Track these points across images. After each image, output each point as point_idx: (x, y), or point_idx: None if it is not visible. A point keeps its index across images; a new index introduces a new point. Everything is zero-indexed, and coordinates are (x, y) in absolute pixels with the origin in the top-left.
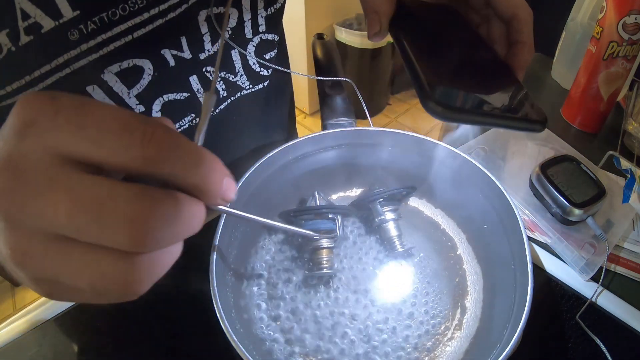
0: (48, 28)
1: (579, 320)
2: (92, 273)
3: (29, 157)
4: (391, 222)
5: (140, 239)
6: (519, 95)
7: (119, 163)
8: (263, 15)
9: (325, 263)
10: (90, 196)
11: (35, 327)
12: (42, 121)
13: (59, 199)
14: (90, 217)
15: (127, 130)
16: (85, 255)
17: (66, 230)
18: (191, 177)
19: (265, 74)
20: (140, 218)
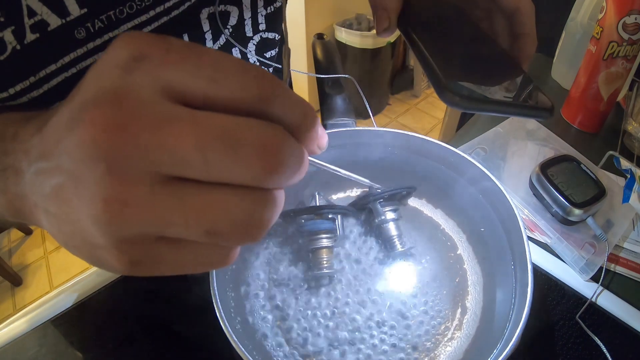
0: (55, 26)
1: (579, 320)
2: (214, 214)
3: (138, 93)
4: (391, 222)
5: (273, 169)
6: (527, 84)
7: (236, 99)
8: (263, 14)
9: (325, 263)
10: (218, 125)
11: (35, 327)
12: (154, 56)
13: (184, 130)
14: (222, 146)
15: (241, 70)
16: (204, 195)
17: (191, 165)
18: (299, 119)
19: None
20: (274, 146)
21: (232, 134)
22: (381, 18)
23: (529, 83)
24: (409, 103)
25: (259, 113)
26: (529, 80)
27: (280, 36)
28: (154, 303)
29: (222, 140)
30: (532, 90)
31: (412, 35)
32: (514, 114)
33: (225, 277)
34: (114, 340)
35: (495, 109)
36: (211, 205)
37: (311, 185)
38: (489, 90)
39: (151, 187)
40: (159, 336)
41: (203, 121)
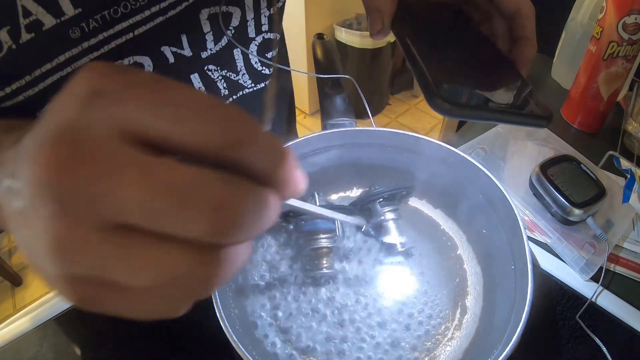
0: (49, 26)
1: (579, 320)
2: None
3: (94, 131)
4: (391, 222)
5: (224, 228)
6: (524, 91)
7: (195, 146)
8: (266, 15)
9: (325, 263)
10: (171, 178)
11: (35, 327)
12: (113, 92)
13: (134, 180)
14: (170, 201)
15: (208, 110)
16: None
17: (137, 216)
18: (271, 167)
19: (267, 73)
20: (227, 205)
21: (183, 189)
22: (374, 20)
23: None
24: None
25: (224, 160)
26: (527, 86)
27: (281, 36)
28: None
29: (172, 195)
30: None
31: (404, 38)
32: (508, 122)
33: None
34: (114, 340)
35: (488, 117)
36: (155, 259)
37: (311, 186)
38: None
39: (99, 233)
40: (159, 336)
41: (154, 171)
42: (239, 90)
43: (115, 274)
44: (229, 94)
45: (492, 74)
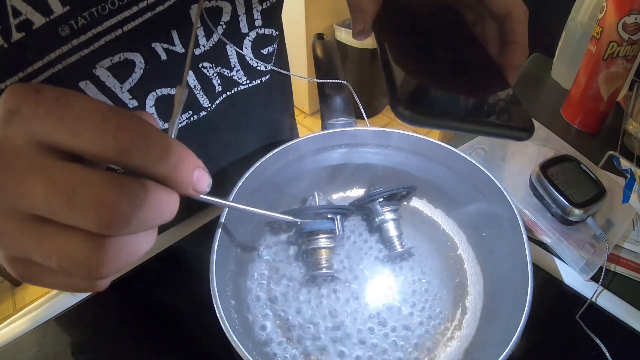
0: (39, 24)
1: (579, 320)
2: (61, 251)
3: (11, 143)
4: (391, 222)
5: (107, 221)
6: (505, 99)
7: (94, 152)
8: (258, 10)
9: (325, 263)
10: (64, 180)
11: (35, 327)
12: (24, 110)
13: (36, 182)
14: (63, 200)
15: (103, 122)
16: (57, 235)
17: (42, 211)
18: (160, 168)
19: (263, 69)
20: (108, 202)
21: (72, 189)
22: (356, 20)
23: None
24: None
25: (121, 164)
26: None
27: (278, 32)
28: (154, 303)
29: (63, 193)
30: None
31: (382, 40)
32: (482, 133)
33: (225, 277)
34: (114, 340)
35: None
36: (59, 245)
37: (311, 185)
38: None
39: (19, 223)
40: (158, 336)
41: (54, 174)
42: (233, 87)
43: (33, 256)
44: (222, 91)
45: (474, 80)
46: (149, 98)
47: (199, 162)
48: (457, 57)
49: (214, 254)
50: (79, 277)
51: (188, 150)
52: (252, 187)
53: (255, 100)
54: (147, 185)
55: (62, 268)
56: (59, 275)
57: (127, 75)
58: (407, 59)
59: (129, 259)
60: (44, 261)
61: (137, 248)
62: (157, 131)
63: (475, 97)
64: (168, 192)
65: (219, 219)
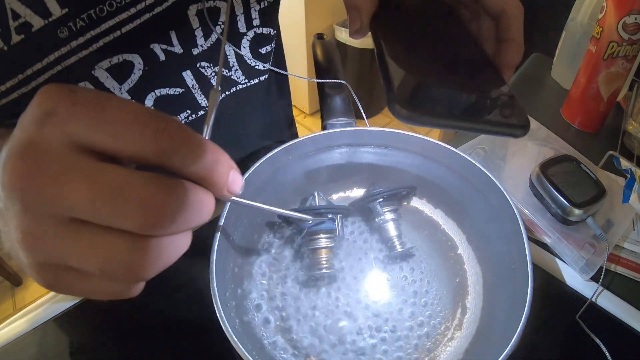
0: (38, 27)
1: (579, 320)
2: (101, 254)
3: (48, 144)
4: (391, 222)
5: (152, 221)
6: (501, 97)
7: (133, 154)
8: (257, 9)
9: (325, 263)
10: (108, 181)
11: (35, 327)
12: (61, 111)
13: (78, 183)
14: (107, 200)
15: (141, 123)
16: (96, 237)
17: (83, 213)
18: (198, 169)
19: (261, 69)
20: (154, 202)
21: (117, 189)
22: (353, 19)
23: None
24: None
25: (160, 165)
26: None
27: (276, 31)
28: (154, 303)
29: (108, 194)
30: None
31: (379, 39)
32: (478, 130)
33: (225, 277)
34: (114, 340)
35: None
36: (100, 246)
37: (311, 185)
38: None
39: (56, 226)
40: (158, 336)
41: (96, 175)
42: (232, 86)
43: (69, 260)
44: (221, 90)
45: (469, 78)
46: (148, 98)
47: (233, 163)
48: (453, 55)
49: (214, 254)
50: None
51: (224, 152)
52: (252, 187)
53: (253, 99)
54: (188, 186)
55: (102, 270)
56: (93, 281)
57: (126, 76)
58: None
59: (169, 260)
60: (82, 264)
61: (177, 249)
62: (195, 133)
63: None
64: (206, 192)
65: (219, 220)
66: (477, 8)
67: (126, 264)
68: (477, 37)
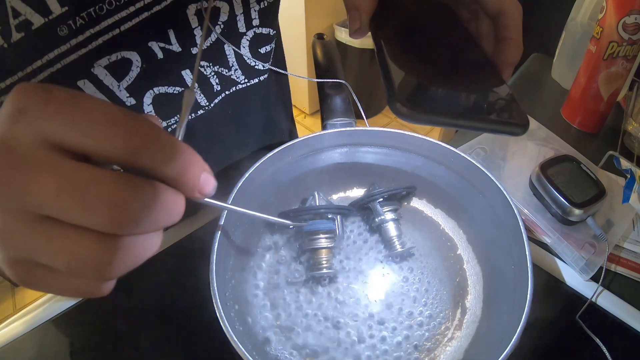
0: (38, 25)
1: (579, 320)
2: (69, 251)
3: (19, 141)
4: (391, 222)
5: (119, 220)
6: (501, 95)
7: (104, 152)
8: (256, 9)
9: (324, 263)
10: (76, 179)
11: (35, 328)
12: (33, 109)
13: (46, 180)
14: (74, 198)
15: (113, 122)
16: (65, 235)
17: (51, 210)
18: (169, 170)
19: (261, 68)
20: (120, 201)
21: (84, 187)
22: (353, 19)
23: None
24: None
25: (130, 165)
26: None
27: (276, 31)
28: (154, 303)
29: (75, 192)
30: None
31: (379, 38)
32: (478, 129)
33: (225, 277)
34: (114, 340)
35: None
36: (68, 244)
37: (311, 185)
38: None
39: (25, 222)
40: (159, 336)
41: (65, 172)
42: (231, 86)
43: (39, 257)
44: (221, 90)
45: (469, 77)
46: (146, 96)
47: (205, 165)
48: (453, 54)
49: (214, 254)
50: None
51: (195, 153)
52: (252, 187)
53: (253, 99)
54: (157, 186)
55: (70, 268)
56: (63, 278)
57: (124, 74)
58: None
59: (137, 260)
60: (51, 261)
61: (145, 249)
62: (167, 134)
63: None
64: (176, 193)
65: (219, 220)
66: (476, 7)
67: (93, 262)
68: (477, 37)
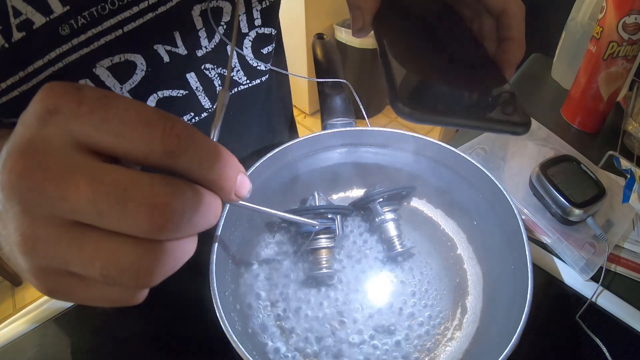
0: (39, 24)
1: (579, 320)
2: (106, 257)
3: (50, 143)
4: (391, 222)
5: (161, 224)
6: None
7: (139, 155)
8: (258, 9)
9: (325, 263)
10: (112, 182)
11: (35, 327)
12: (65, 110)
13: (82, 184)
14: (112, 203)
15: (148, 124)
16: (100, 241)
17: (86, 215)
18: (207, 172)
19: (262, 69)
20: (160, 204)
21: (123, 190)
22: (356, 18)
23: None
24: None
25: (166, 167)
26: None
27: (277, 31)
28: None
29: (113, 196)
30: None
31: (382, 37)
32: (480, 128)
33: (225, 277)
34: (114, 340)
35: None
36: (104, 251)
37: (311, 185)
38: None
39: (57, 229)
40: (158, 336)
41: (100, 176)
42: (234, 87)
43: (72, 265)
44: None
45: (471, 77)
46: (150, 100)
47: (241, 167)
48: (455, 54)
49: (214, 254)
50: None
51: (232, 155)
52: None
53: (254, 100)
54: (196, 189)
55: (106, 276)
56: (96, 287)
57: (127, 76)
58: (406, 55)
59: (176, 265)
60: (85, 269)
61: (184, 253)
62: (203, 135)
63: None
64: (213, 196)
65: (219, 220)
66: (479, 7)
67: (131, 269)
68: (479, 36)
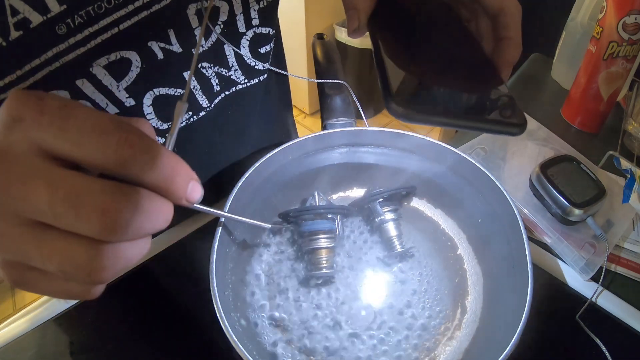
0: (36, 23)
1: (579, 320)
2: (62, 255)
3: (14, 149)
4: (391, 222)
5: (110, 227)
6: (499, 95)
7: (95, 163)
8: (256, 9)
9: (324, 263)
10: (68, 187)
11: (35, 327)
12: (28, 118)
13: (41, 187)
14: (67, 205)
15: (104, 133)
16: (57, 240)
17: (44, 216)
18: (156, 179)
19: (261, 68)
20: (111, 210)
21: (77, 196)
22: (351, 18)
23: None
24: None
25: (120, 175)
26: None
27: (275, 30)
28: (154, 303)
29: (67, 201)
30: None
31: (376, 38)
32: (475, 129)
33: (225, 277)
34: (114, 340)
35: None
36: (60, 250)
37: (311, 186)
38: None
39: (19, 227)
40: (159, 336)
41: (57, 181)
42: (231, 87)
43: (32, 260)
44: (220, 90)
45: (467, 77)
46: (146, 97)
47: (193, 174)
48: (451, 54)
49: (214, 253)
50: (78, 280)
51: (183, 163)
52: (252, 187)
53: (253, 99)
54: (146, 194)
55: (62, 271)
56: (55, 281)
57: (123, 74)
58: (401, 56)
59: (126, 265)
60: (44, 264)
61: (134, 254)
62: (156, 144)
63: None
64: (164, 201)
65: (219, 220)
66: (475, 6)
67: (84, 267)
68: (475, 36)
